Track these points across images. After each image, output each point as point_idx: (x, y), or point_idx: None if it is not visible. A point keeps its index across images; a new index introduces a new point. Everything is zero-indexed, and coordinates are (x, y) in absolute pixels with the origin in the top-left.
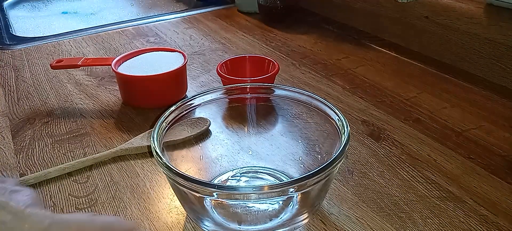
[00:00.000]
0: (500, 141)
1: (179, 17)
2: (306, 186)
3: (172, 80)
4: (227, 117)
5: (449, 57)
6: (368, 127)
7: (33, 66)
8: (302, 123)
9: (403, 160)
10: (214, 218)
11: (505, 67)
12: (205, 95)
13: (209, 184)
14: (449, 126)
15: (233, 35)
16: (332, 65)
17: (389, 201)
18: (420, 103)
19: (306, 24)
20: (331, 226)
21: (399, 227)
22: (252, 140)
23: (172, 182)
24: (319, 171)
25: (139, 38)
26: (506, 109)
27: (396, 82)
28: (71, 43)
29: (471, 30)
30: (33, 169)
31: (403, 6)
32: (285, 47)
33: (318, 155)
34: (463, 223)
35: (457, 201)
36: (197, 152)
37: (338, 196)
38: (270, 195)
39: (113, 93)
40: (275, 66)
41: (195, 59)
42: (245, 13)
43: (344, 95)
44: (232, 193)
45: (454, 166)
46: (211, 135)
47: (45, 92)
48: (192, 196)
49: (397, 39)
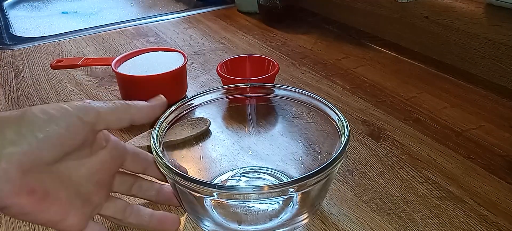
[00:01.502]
0: (500, 141)
1: (179, 17)
2: (306, 186)
3: (172, 80)
4: (227, 116)
5: (449, 57)
6: (368, 127)
7: (33, 66)
8: (302, 123)
9: (403, 160)
10: (214, 218)
11: (505, 67)
12: (205, 95)
13: (209, 184)
14: (449, 126)
15: (233, 35)
16: (332, 65)
17: (389, 201)
18: (420, 103)
19: (306, 24)
20: (331, 226)
21: (399, 227)
22: (252, 140)
23: (172, 182)
24: (319, 171)
25: (139, 38)
26: (506, 109)
27: (396, 82)
28: (71, 43)
29: (471, 30)
30: None
31: (403, 6)
32: (285, 47)
33: (318, 155)
34: (463, 223)
35: (457, 201)
36: (197, 152)
37: (338, 196)
38: (270, 195)
39: (113, 93)
40: (275, 66)
41: (195, 59)
42: (245, 13)
43: (344, 95)
44: (232, 193)
45: (454, 166)
46: (211, 134)
47: (45, 92)
48: (192, 196)
49: (397, 39)
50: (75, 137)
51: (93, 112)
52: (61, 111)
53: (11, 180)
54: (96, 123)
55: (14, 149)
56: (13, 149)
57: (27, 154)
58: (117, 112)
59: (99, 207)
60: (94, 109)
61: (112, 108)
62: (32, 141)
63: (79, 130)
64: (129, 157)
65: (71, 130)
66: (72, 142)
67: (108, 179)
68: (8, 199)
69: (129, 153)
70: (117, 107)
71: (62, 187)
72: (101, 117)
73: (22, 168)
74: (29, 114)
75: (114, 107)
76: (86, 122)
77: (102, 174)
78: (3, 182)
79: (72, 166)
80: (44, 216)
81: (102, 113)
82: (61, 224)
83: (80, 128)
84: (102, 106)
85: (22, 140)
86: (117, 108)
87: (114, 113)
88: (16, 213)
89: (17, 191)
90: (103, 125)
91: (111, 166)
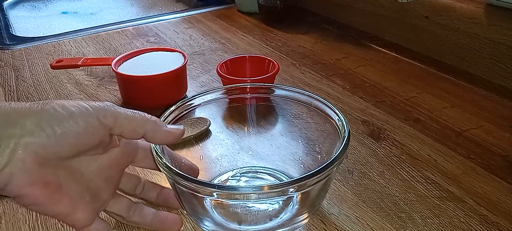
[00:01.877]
0: (500, 141)
1: (179, 17)
2: (306, 186)
3: (172, 80)
4: (227, 116)
5: (449, 57)
6: (368, 127)
7: (33, 66)
8: (302, 123)
9: (403, 160)
10: (214, 218)
11: (505, 67)
12: (205, 95)
13: (209, 184)
14: (449, 126)
15: (233, 35)
16: (332, 65)
17: (389, 201)
18: (420, 103)
19: (306, 24)
20: (331, 226)
21: (399, 227)
22: (252, 139)
23: (172, 182)
24: (319, 171)
25: (139, 38)
26: (506, 109)
27: (396, 82)
28: (71, 43)
29: (471, 30)
30: None
31: (403, 6)
32: (285, 47)
33: (318, 155)
34: (463, 223)
35: (457, 201)
36: (197, 152)
37: (338, 196)
38: (270, 195)
39: (113, 93)
40: (275, 66)
41: (195, 59)
42: (245, 13)
43: (344, 95)
44: (232, 193)
45: (454, 166)
46: (211, 134)
47: (45, 92)
48: (192, 196)
49: (397, 39)
50: (92, 136)
51: (112, 117)
52: (81, 110)
53: (28, 171)
54: (113, 127)
55: (32, 139)
56: (31, 139)
57: (44, 146)
58: (134, 123)
59: (106, 203)
60: (113, 114)
61: (130, 118)
62: (51, 134)
63: (97, 131)
64: (140, 153)
65: (89, 130)
66: (88, 141)
67: (117, 176)
68: (24, 188)
69: (140, 148)
70: (135, 118)
71: (74, 182)
72: (118, 123)
73: (37, 160)
74: (49, 108)
75: (132, 117)
76: (104, 124)
77: (113, 170)
78: (21, 172)
79: (85, 161)
80: (54, 208)
81: (119, 119)
82: (70, 217)
83: (98, 129)
84: (121, 112)
85: (41, 132)
86: (135, 119)
87: (131, 123)
88: (28, 203)
89: (32, 182)
90: (118, 130)
91: (122, 162)
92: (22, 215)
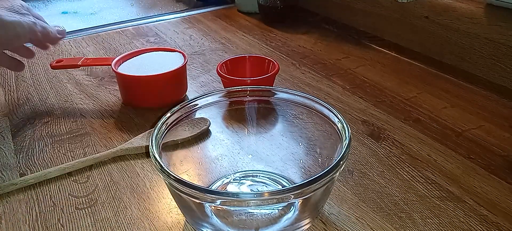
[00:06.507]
0: (500, 141)
1: (179, 17)
2: (307, 192)
3: (172, 80)
4: (227, 117)
5: (449, 57)
6: (368, 127)
7: (33, 66)
8: (302, 124)
9: (403, 160)
10: (213, 224)
11: (505, 67)
12: (206, 97)
13: (208, 190)
14: (449, 126)
15: (233, 35)
16: (332, 65)
17: (389, 201)
18: (420, 103)
19: (306, 24)
20: (331, 226)
21: (399, 227)
22: (252, 140)
23: (170, 186)
24: (321, 177)
25: (139, 38)
26: (506, 109)
27: (396, 82)
28: (71, 43)
29: (471, 30)
30: (33, 169)
31: (403, 6)
32: (285, 47)
33: (319, 156)
34: (463, 223)
35: (457, 201)
36: (197, 152)
37: (338, 196)
38: (271, 202)
39: (113, 93)
40: (275, 66)
41: (195, 59)
42: (245, 13)
43: (344, 95)
44: (232, 199)
45: (454, 166)
46: (211, 135)
47: (45, 92)
48: (191, 202)
49: (397, 39)
50: None
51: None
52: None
53: None
54: None
55: None
56: None
57: None
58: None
59: None
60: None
61: None
62: None
63: None
64: None
65: None
66: None
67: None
68: None
69: None
70: None
71: None
72: None
73: None
74: None
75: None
76: None
77: None
78: None
79: None
80: None
81: None
82: None
83: None
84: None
85: None
86: None
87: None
88: None
89: None
90: None
91: None
92: (22, 215)
